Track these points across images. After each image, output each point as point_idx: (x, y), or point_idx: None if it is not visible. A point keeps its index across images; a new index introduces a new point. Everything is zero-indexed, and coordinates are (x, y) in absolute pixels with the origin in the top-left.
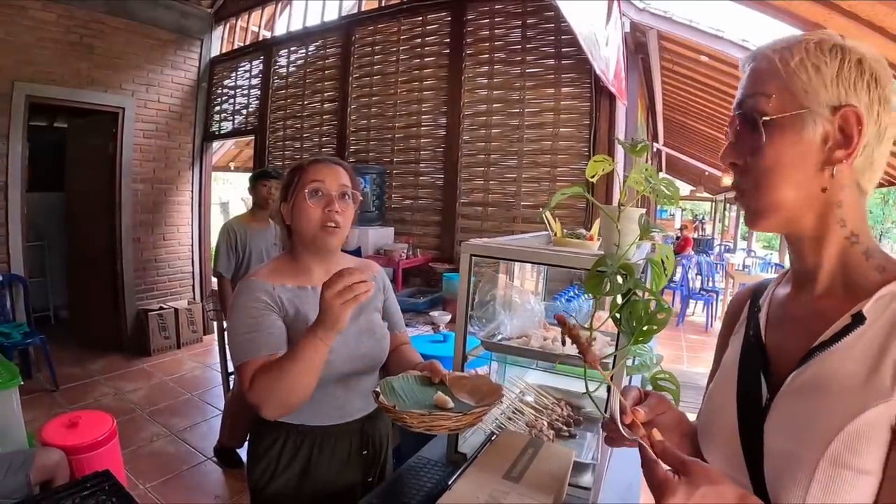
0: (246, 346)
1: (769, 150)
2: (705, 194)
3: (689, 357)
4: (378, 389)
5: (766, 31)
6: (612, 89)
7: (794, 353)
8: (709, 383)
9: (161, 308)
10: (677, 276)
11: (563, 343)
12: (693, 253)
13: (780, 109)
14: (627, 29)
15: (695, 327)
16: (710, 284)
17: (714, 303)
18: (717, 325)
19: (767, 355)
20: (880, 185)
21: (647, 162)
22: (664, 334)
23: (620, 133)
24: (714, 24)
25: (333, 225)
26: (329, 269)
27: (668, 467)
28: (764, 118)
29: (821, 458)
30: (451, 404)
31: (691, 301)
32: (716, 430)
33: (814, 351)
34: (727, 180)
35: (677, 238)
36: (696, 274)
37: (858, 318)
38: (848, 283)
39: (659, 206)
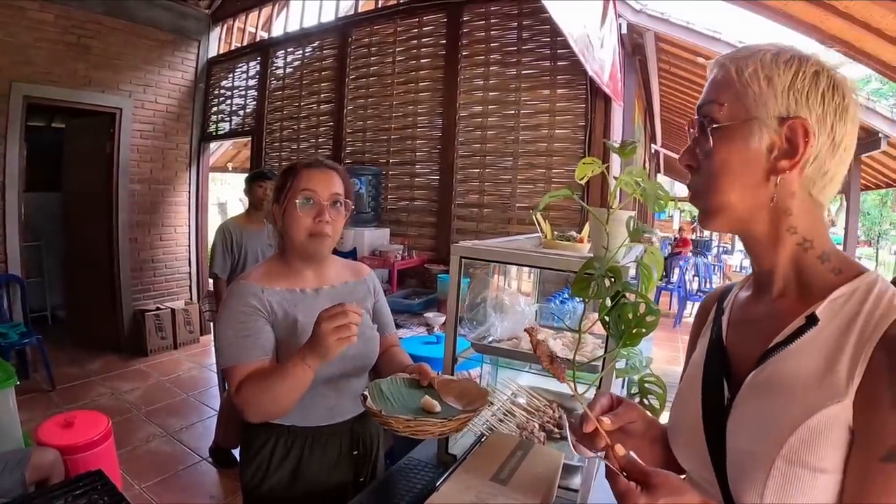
0: (233, 350)
1: (717, 155)
2: None
3: (684, 358)
4: (366, 392)
5: (762, 32)
6: (607, 91)
7: (752, 353)
8: (680, 384)
9: (158, 308)
10: (675, 278)
11: (534, 351)
12: (691, 254)
13: (729, 118)
14: (624, 31)
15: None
16: (708, 286)
17: None
18: None
19: (728, 356)
20: (877, 187)
21: (644, 163)
22: (660, 336)
23: (617, 135)
24: (711, 26)
25: (323, 234)
26: (320, 272)
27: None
28: (713, 125)
29: (776, 456)
30: (438, 408)
31: (688, 302)
32: (683, 430)
33: (770, 352)
34: None
35: (675, 239)
36: (694, 275)
37: (812, 320)
38: (803, 285)
39: (655, 210)
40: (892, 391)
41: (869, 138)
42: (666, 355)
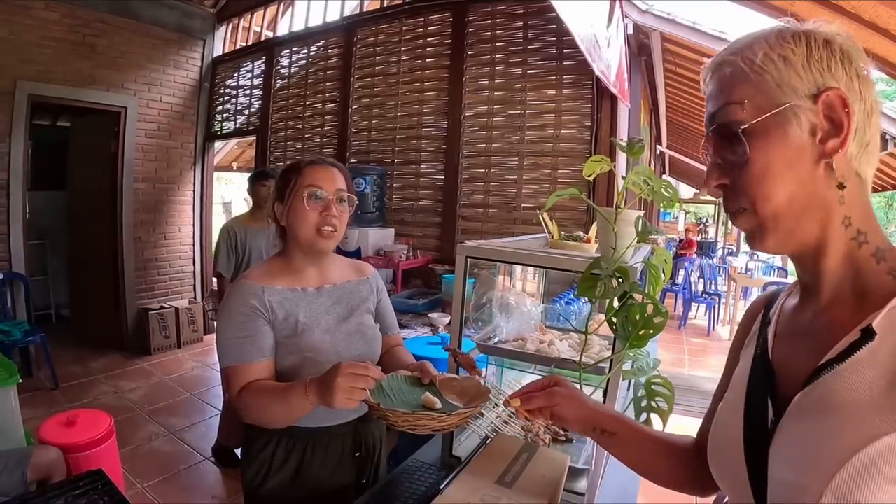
0: (233, 350)
1: (756, 159)
2: (709, 197)
3: (690, 361)
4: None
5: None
6: (614, 90)
7: (801, 371)
8: (716, 397)
9: (162, 307)
10: (679, 279)
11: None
12: (696, 256)
13: (756, 113)
14: (630, 31)
15: (697, 331)
16: (713, 288)
17: (716, 306)
18: (720, 329)
19: (774, 373)
20: (883, 189)
21: (649, 164)
22: (666, 338)
23: (623, 135)
24: (717, 27)
25: (331, 229)
26: (322, 270)
27: None
28: (742, 127)
29: (825, 490)
30: (438, 405)
31: (693, 304)
32: (723, 453)
33: (821, 370)
34: None
35: (680, 241)
36: (699, 277)
37: (868, 333)
38: (858, 290)
39: (662, 209)
40: None
41: None
42: (671, 357)
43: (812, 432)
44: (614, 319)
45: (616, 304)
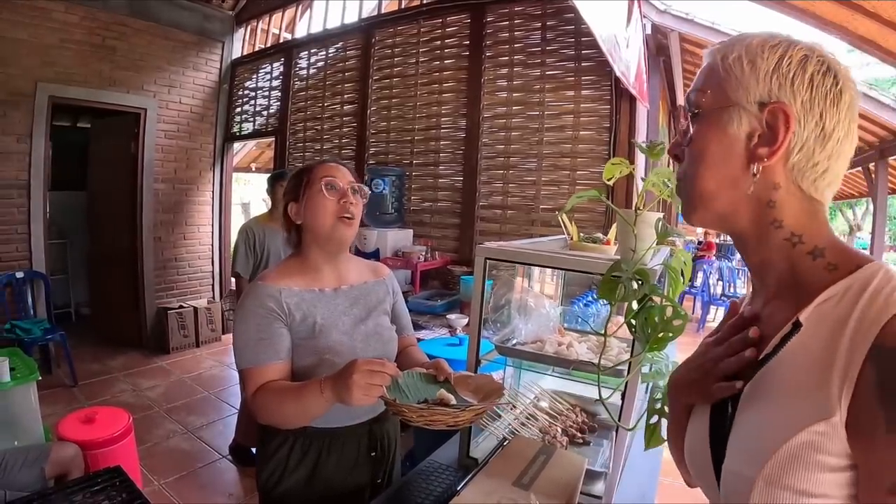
0: (250, 352)
1: (696, 143)
2: None
3: None
4: None
5: (787, 32)
6: (634, 91)
7: (750, 364)
8: None
9: (181, 307)
10: (698, 282)
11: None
12: (715, 258)
13: (711, 104)
14: (649, 31)
15: None
16: (732, 290)
17: None
18: None
19: None
20: (892, 193)
21: (667, 165)
22: (684, 340)
23: (642, 136)
24: (735, 27)
25: (350, 217)
26: (339, 271)
27: None
28: (693, 111)
29: (758, 477)
30: (453, 401)
31: (712, 307)
32: (694, 450)
33: (762, 362)
34: None
35: (699, 243)
36: (718, 279)
37: (797, 326)
38: (795, 284)
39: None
40: (886, 411)
41: None
42: None
43: (752, 423)
44: (633, 322)
45: (635, 306)
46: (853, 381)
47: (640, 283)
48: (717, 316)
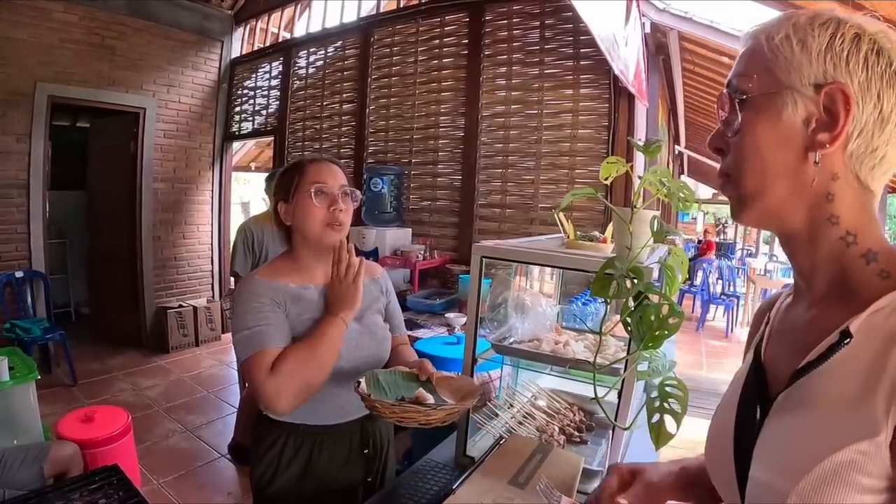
0: (255, 338)
1: (746, 131)
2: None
3: (708, 363)
4: (361, 379)
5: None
6: (633, 90)
7: (786, 371)
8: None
9: (180, 306)
10: (698, 281)
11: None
12: (714, 257)
13: (759, 89)
14: (648, 30)
15: (715, 333)
16: (732, 289)
17: (735, 308)
18: (738, 331)
19: (766, 373)
20: (891, 191)
21: (667, 164)
22: (683, 340)
23: (641, 135)
24: (735, 25)
25: (339, 224)
26: (329, 268)
27: None
28: (741, 97)
29: (791, 492)
30: (430, 400)
31: (712, 306)
32: (715, 452)
33: (802, 371)
34: None
35: (699, 242)
36: (718, 278)
37: (845, 336)
38: (846, 290)
39: (680, 210)
40: None
41: None
42: (689, 360)
43: (787, 434)
44: (629, 320)
45: (632, 304)
46: None
47: (634, 280)
48: (716, 315)
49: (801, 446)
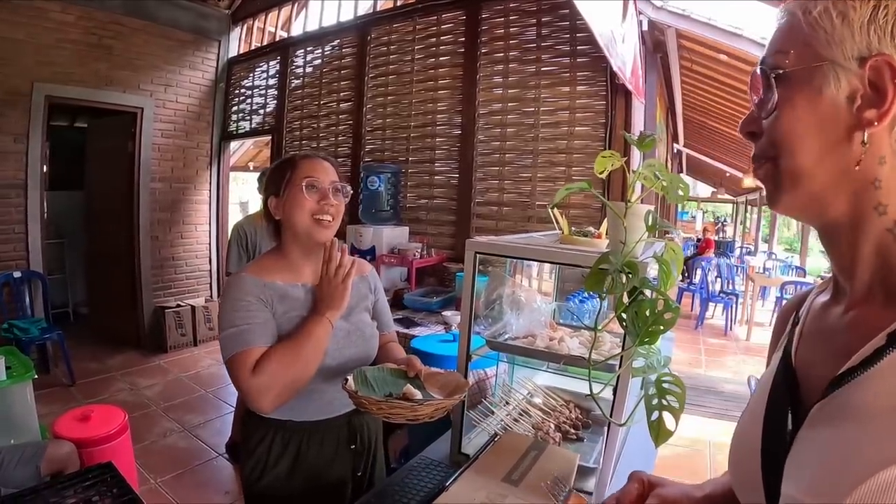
0: (242, 336)
1: (784, 110)
2: (726, 196)
3: (707, 361)
4: (349, 376)
5: None
6: (630, 86)
7: (822, 377)
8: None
9: (178, 305)
10: (697, 279)
11: None
12: (713, 255)
13: (797, 64)
14: (645, 27)
15: (714, 330)
16: (730, 287)
17: (734, 306)
18: (737, 329)
19: (797, 379)
20: None
21: (665, 162)
22: (682, 337)
23: (637, 131)
24: (733, 23)
25: (329, 218)
26: (317, 266)
27: None
28: (777, 72)
29: None
30: (418, 396)
31: (711, 304)
32: (741, 462)
33: (843, 377)
34: (748, 181)
35: (698, 240)
36: (716, 276)
37: (894, 339)
38: (892, 288)
39: (679, 208)
40: None
41: None
42: (688, 357)
43: (826, 449)
44: (624, 315)
45: (626, 300)
46: None
47: (629, 275)
48: (715, 313)
49: (843, 462)
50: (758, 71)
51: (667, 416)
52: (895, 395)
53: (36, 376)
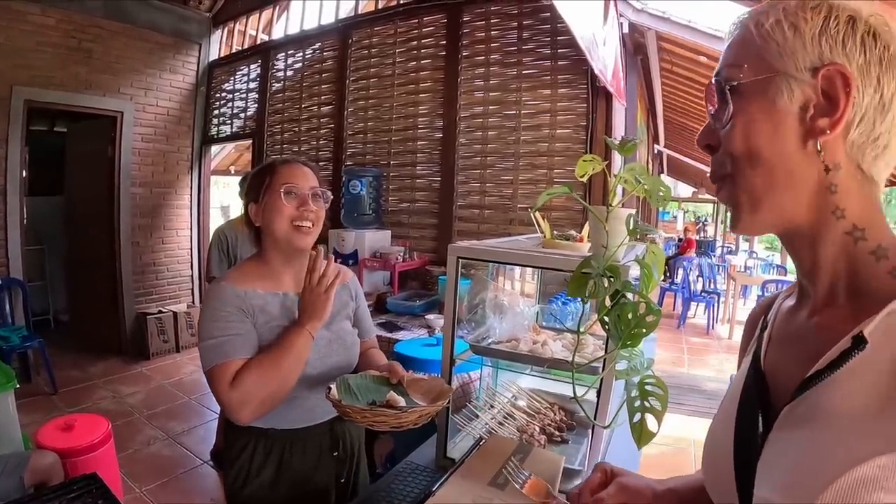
0: (222, 348)
1: (739, 121)
2: (707, 196)
3: (690, 360)
4: (332, 385)
5: None
6: (611, 89)
7: (791, 380)
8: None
9: (160, 312)
10: (679, 278)
11: None
12: (695, 255)
13: (751, 76)
14: (626, 30)
15: (696, 329)
16: (712, 286)
17: (716, 305)
18: (719, 328)
19: (766, 382)
20: (891, 184)
21: (646, 163)
22: (664, 337)
23: (619, 134)
24: (712, 25)
25: (308, 224)
26: (298, 274)
27: None
28: (731, 84)
29: None
30: (401, 403)
31: (692, 303)
32: (713, 464)
33: (810, 380)
34: None
35: (680, 240)
36: (698, 276)
37: (859, 342)
38: (854, 291)
39: (660, 209)
40: None
41: None
42: (671, 357)
43: (796, 450)
44: (606, 319)
45: (609, 303)
46: None
47: (611, 279)
48: (697, 312)
49: (814, 462)
50: (713, 83)
51: (649, 417)
52: (861, 395)
53: (18, 386)
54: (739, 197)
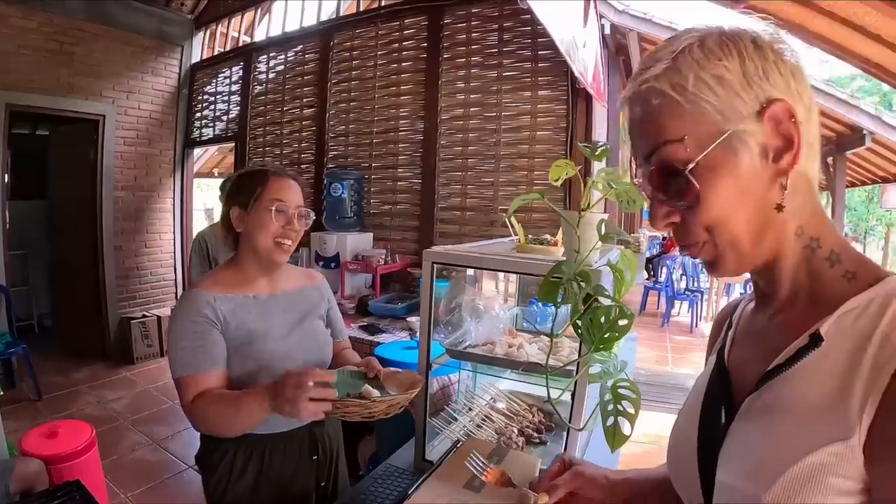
0: (188, 360)
1: (708, 197)
2: None
3: (674, 358)
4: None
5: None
6: (591, 91)
7: (753, 375)
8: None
9: (144, 316)
10: (662, 277)
11: None
12: (678, 253)
13: (700, 149)
14: (608, 31)
15: (680, 328)
16: (696, 285)
17: (699, 303)
18: (703, 326)
19: (730, 377)
20: (863, 184)
21: (628, 164)
22: (648, 335)
23: (600, 136)
24: (694, 26)
25: (289, 243)
26: (274, 280)
27: None
28: (689, 167)
29: (762, 497)
30: (376, 395)
31: (676, 301)
32: (678, 457)
33: (769, 374)
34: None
35: (663, 239)
36: (682, 274)
37: (816, 339)
38: (812, 295)
39: (645, 207)
40: None
41: (854, 135)
42: (654, 355)
43: (756, 438)
44: (579, 323)
45: (581, 307)
46: (876, 401)
47: (582, 284)
48: (681, 311)
49: (772, 450)
50: (660, 168)
51: (623, 421)
52: (817, 389)
53: (2, 392)
54: (725, 254)
